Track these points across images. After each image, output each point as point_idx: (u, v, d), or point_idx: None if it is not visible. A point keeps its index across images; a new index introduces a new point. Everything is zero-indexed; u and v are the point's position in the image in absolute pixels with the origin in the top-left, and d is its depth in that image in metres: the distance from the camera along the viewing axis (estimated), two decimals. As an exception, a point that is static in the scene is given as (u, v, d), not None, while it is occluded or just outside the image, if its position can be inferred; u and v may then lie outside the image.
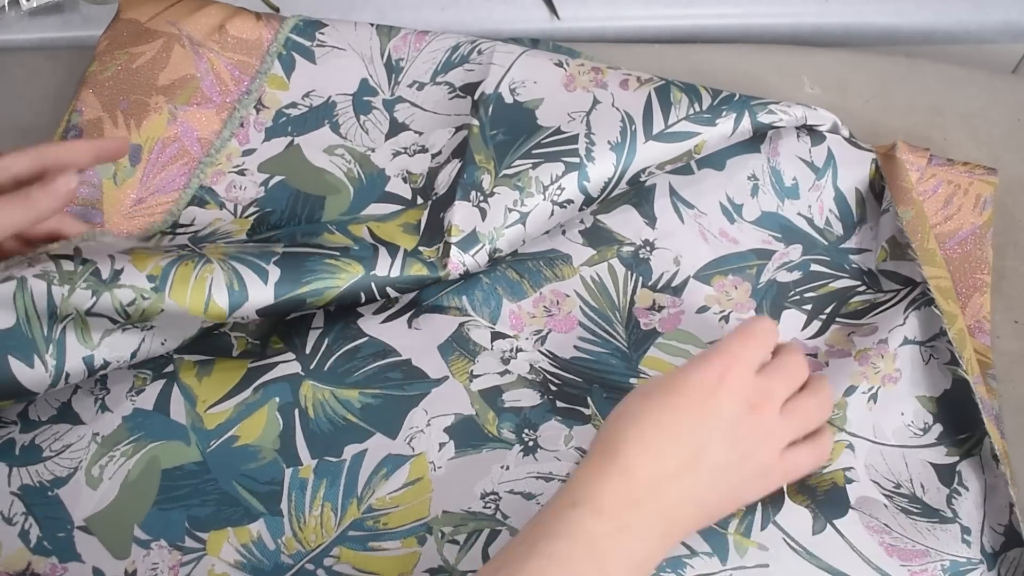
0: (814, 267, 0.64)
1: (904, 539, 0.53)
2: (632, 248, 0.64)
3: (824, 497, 0.55)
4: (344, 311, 0.61)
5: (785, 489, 0.54)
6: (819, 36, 0.80)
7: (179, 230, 0.65)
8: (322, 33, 0.71)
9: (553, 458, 0.55)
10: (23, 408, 0.58)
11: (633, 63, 0.75)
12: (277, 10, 0.79)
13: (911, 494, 0.55)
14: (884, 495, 0.55)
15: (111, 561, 0.54)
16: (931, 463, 0.57)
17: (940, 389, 0.59)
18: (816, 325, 0.62)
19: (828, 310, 0.62)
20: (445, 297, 0.62)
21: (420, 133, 0.68)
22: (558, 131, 0.63)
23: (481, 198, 0.61)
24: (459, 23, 0.80)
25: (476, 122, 0.65)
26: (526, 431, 0.57)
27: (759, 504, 0.54)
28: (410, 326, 0.61)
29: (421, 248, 0.61)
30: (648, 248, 0.64)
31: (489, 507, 0.53)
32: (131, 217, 0.65)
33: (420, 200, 0.65)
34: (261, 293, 0.55)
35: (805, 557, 0.53)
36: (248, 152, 0.68)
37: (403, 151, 0.68)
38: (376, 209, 0.65)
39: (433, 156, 0.67)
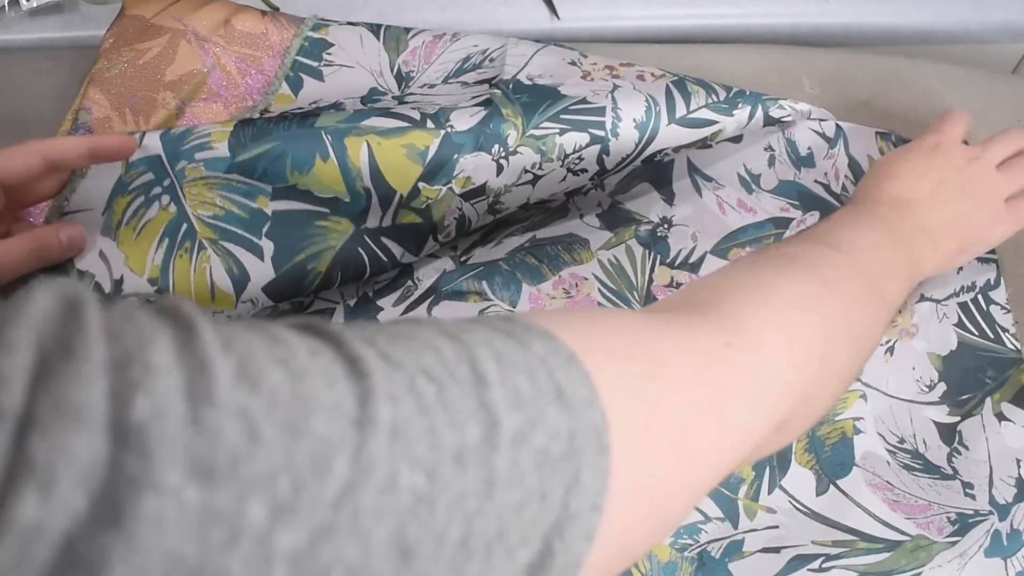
0: None
1: (906, 495, 0.54)
2: (650, 227, 0.65)
3: (830, 453, 0.56)
4: (364, 305, 0.61)
5: (793, 449, 0.56)
6: (819, 36, 0.81)
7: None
8: (329, 53, 0.70)
9: None
10: None
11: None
12: (277, 9, 0.79)
13: (914, 450, 0.56)
14: (888, 450, 0.56)
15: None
16: (933, 421, 0.58)
17: (947, 349, 0.60)
18: None
19: None
20: (465, 283, 0.63)
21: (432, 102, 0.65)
22: (584, 101, 0.62)
23: (503, 154, 0.59)
24: (459, 23, 0.80)
25: (498, 91, 0.63)
26: None
27: (767, 468, 0.55)
28: (430, 313, 0.61)
29: (421, 185, 0.58)
30: (666, 226, 0.65)
31: None
32: None
33: (431, 125, 0.59)
34: (261, 269, 0.55)
35: (812, 517, 0.54)
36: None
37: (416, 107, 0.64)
38: (378, 123, 0.60)
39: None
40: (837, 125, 0.68)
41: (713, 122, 0.63)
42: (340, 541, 0.22)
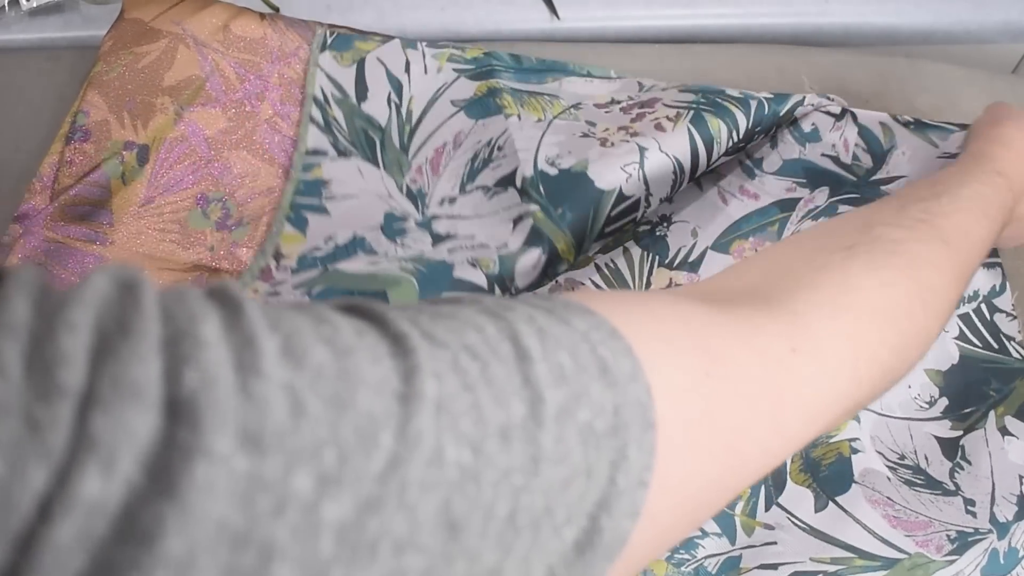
0: (841, 208, 0.63)
1: (907, 511, 0.54)
2: (648, 227, 0.64)
3: (827, 472, 0.55)
4: None
5: (788, 468, 0.55)
6: (819, 36, 0.81)
7: None
8: (327, 187, 0.66)
9: None
10: None
11: (633, 63, 0.75)
12: (277, 10, 0.79)
13: (915, 465, 0.56)
14: (888, 466, 0.56)
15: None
16: (935, 436, 0.57)
17: (948, 363, 0.60)
18: None
19: None
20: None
21: (472, 236, 0.63)
22: (621, 195, 0.60)
23: (556, 274, 0.62)
24: (459, 23, 0.80)
25: (534, 206, 0.60)
26: None
27: (761, 487, 0.55)
28: None
29: None
30: (665, 224, 0.64)
31: None
32: (140, 217, 0.65)
33: (498, 290, 0.59)
34: None
35: (811, 533, 0.53)
36: (277, 285, 0.63)
37: (460, 248, 0.62)
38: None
39: (498, 248, 0.61)
40: (843, 108, 0.67)
41: (735, 152, 0.64)
42: (387, 514, 0.22)
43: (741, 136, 0.62)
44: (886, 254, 0.40)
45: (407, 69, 0.69)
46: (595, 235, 0.60)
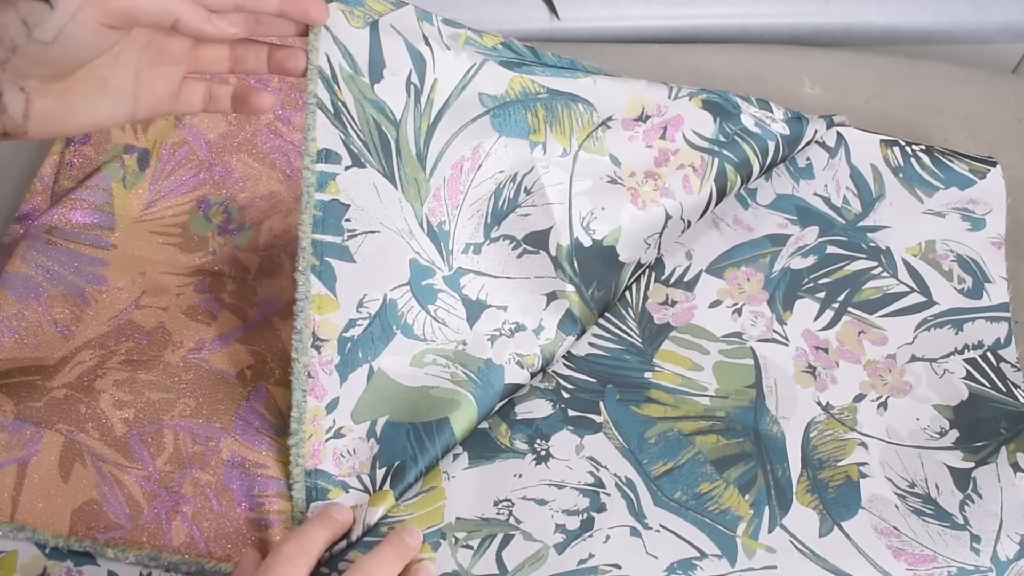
0: (830, 249, 0.65)
1: (913, 543, 0.54)
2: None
3: (834, 495, 0.55)
4: None
5: (794, 488, 0.55)
6: (819, 36, 0.81)
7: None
8: (348, 220, 0.55)
9: (565, 467, 0.56)
10: None
11: (633, 63, 0.75)
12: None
13: (925, 494, 0.56)
14: (897, 494, 0.56)
15: (126, 564, 0.54)
16: (947, 465, 0.57)
17: (957, 400, 0.60)
18: (829, 315, 0.62)
19: (841, 297, 0.63)
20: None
21: (504, 308, 0.61)
22: (638, 264, 0.64)
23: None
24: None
25: (570, 287, 0.61)
26: (538, 441, 0.57)
27: (765, 507, 0.54)
28: None
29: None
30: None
31: (502, 513, 0.54)
32: (142, 221, 0.65)
33: (536, 378, 0.60)
34: None
35: (812, 559, 0.53)
36: (332, 406, 0.55)
37: (498, 334, 0.61)
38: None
39: (536, 332, 0.61)
40: (838, 133, 0.68)
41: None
42: None
43: (748, 183, 0.66)
44: None
45: (427, 43, 0.57)
46: (611, 305, 0.63)
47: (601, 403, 0.58)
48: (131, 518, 0.53)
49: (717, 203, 0.66)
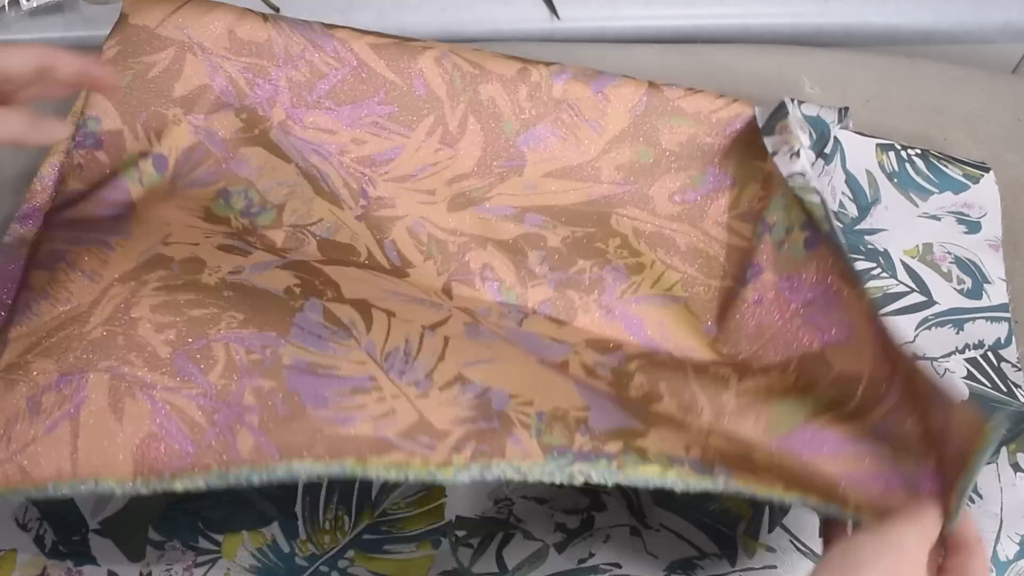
0: None
1: None
2: None
3: None
4: None
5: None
6: (819, 36, 0.81)
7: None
8: None
9: None
10: None
11: (633, 63, 0.75)
12: (277, 10, 0.78)
13: None
14: None
15: (126, 564, 0.54)
16: None
17: (958, 399, 0.60)
18: None
19: None
20: None
21: None
22: None
23: None
24: (459, 23, 0.80)
25: None
26: None
27: (766, 507, 0.55)
28: None
29: None
30: None
31: (503, 512, 0.54)
32: (166, 202, 0.64)
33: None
34: None
35: (812, 558, 0.53)
36: None
37: None
38: None
39: None
40: (835, 139, 0.68)
41: None
42: None
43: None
44: None
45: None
46: None
47: None
48: (194, 442, 0.49)
49: None
